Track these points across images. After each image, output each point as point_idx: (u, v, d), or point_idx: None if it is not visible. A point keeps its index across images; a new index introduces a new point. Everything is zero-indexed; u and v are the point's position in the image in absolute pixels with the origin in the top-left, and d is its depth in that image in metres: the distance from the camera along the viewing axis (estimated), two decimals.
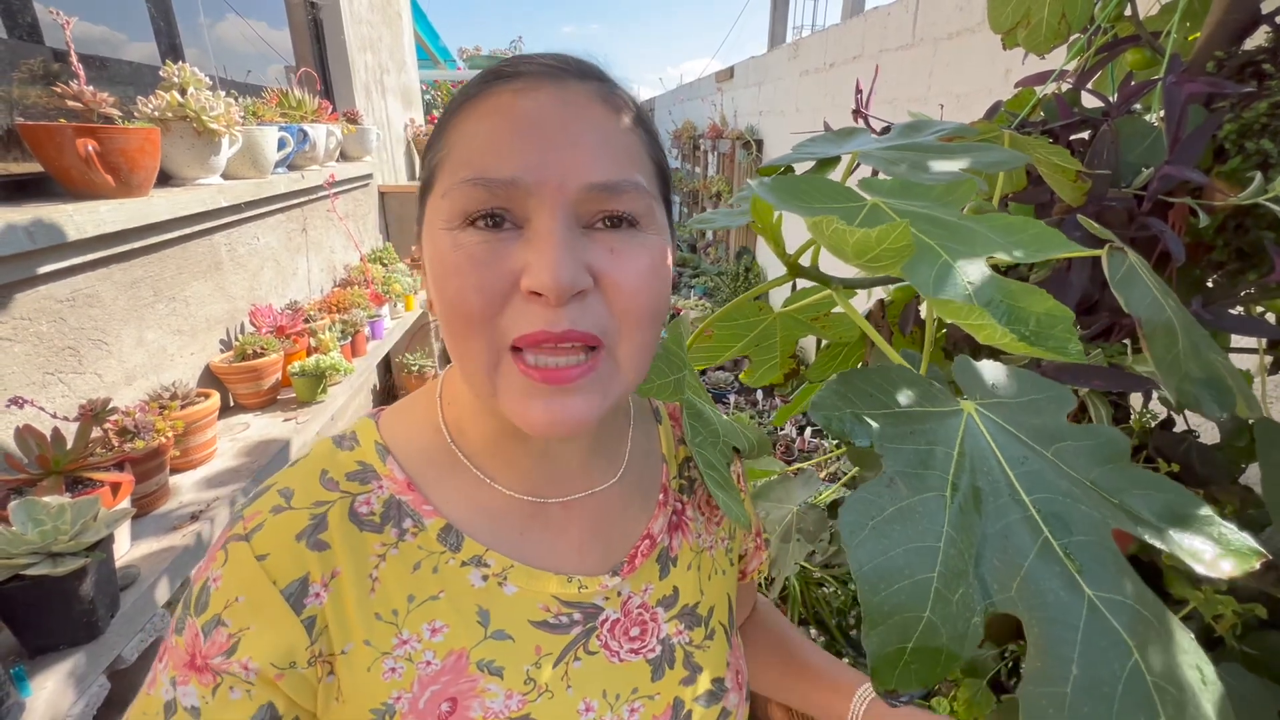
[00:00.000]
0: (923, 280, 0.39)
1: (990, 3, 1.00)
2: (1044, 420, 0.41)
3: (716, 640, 0.54)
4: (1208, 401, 0.45)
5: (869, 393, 0.40)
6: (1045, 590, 0.32)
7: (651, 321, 0.41)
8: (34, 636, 0.80)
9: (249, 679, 0.39)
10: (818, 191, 0.46)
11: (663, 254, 0.42)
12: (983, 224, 0.45)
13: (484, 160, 0.37)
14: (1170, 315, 0.46)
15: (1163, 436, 0.84)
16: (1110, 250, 0.49)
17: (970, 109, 2.34)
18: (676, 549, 0.53)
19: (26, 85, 1.31)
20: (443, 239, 0.39)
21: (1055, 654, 0.30)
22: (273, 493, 0.44)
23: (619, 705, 0.47)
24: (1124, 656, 0.30)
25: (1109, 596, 0.32)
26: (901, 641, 0.32)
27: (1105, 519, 0.35)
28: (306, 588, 0.41)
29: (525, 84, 0.39)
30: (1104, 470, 0.39)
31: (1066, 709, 0.29)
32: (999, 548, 0.34)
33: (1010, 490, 0.36)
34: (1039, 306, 0.39)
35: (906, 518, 0.34)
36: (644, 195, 0.40)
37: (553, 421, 0.38)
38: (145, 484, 1.10)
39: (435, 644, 0.43)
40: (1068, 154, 0.72)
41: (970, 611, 0.32)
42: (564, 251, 0.36)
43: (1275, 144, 0.61)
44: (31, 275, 1.06)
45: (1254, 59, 0.64)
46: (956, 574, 0.33)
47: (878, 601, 0.32)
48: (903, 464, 0.36)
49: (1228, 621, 0.74)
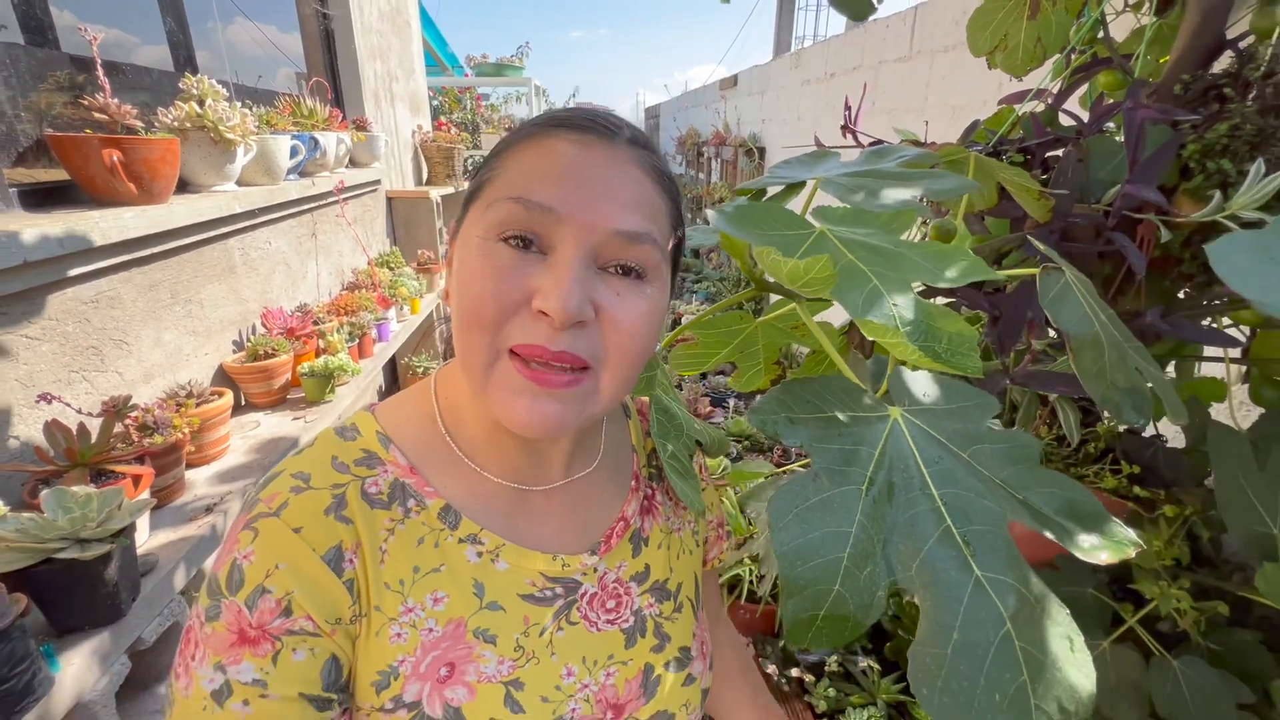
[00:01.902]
0: (851, 302, 0.44)
1: (970, 27, 1.06)
2: (966, 425, 0.47)
3: (684, 613, 0.59)
4: (1127, 408, 0.50)
5: (807, 399, 0.46)
6: (940, 570, 0.38)
7: (637, 360, 0.46)
8: (62, 617, 0.87)
9: (314, 631, 0.42)
10: (772, 219, 0.52)
11: (660, 306, 0.47)
12: (916, 251, 0.51)
13: (530, 185, 0.43)
14: (1098, 330, 0.51)
15: (1130, 441, 0.89)
16: (1045, 270, 0.55)
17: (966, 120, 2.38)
18: (648, 530, 0.59)
19: (53, 95, 1.38)
20: (475, 246, 0.44)
21: (941, 622, 0.36)
22: (285, 476, 0.47)
23: (596, 670, 0.52)
24: (998, 625, 0.36)
25: (994, 577, 0.38)
26: (814, 609, 0.37)
27: (1004, 512, 0.41)
28: (342, 554, 0.45)
29: (582, 136, 0.45)
30: (1014, 470, 0.44)
31: (945, 666, 0.35)
32: (905, 534, 0.40)
33: (922, 485, 0.42)
34: (951, 327, 0.45)
35: (826, 507, 0.40)
36: (656, 252, 0.45)
37: (532, 420, 0.43)
38: (163, 477, 1.17)
39: (437, 612, 0.47)
40: (1027, 175, 0.77)
41: (875, 586, 0.38)
42: (577, 284, 0.41)
43: (1234, 164, 0.65)
44: (61, 278, 1.13)
45: (1217, 83, 0.68)
46: (865, 555, 0.38)
47: (795, 576, 0.38)
48: (828, 461, 0.42)
49: (1190, 617, 0.79)
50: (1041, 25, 0.98)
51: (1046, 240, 0.76)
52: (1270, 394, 0.78)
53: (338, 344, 1.95)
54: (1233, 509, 0.70)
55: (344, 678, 0.45)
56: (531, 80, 5.48)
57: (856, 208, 0.56)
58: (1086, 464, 0.87)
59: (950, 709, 0.34)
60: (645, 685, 0.55)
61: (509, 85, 5.69)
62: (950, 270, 0.49)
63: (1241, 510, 0.69)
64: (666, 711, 0.55)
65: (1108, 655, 0.83)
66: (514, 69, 5.42)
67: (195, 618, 0.44)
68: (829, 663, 1.47)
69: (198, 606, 0.44)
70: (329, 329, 1.98)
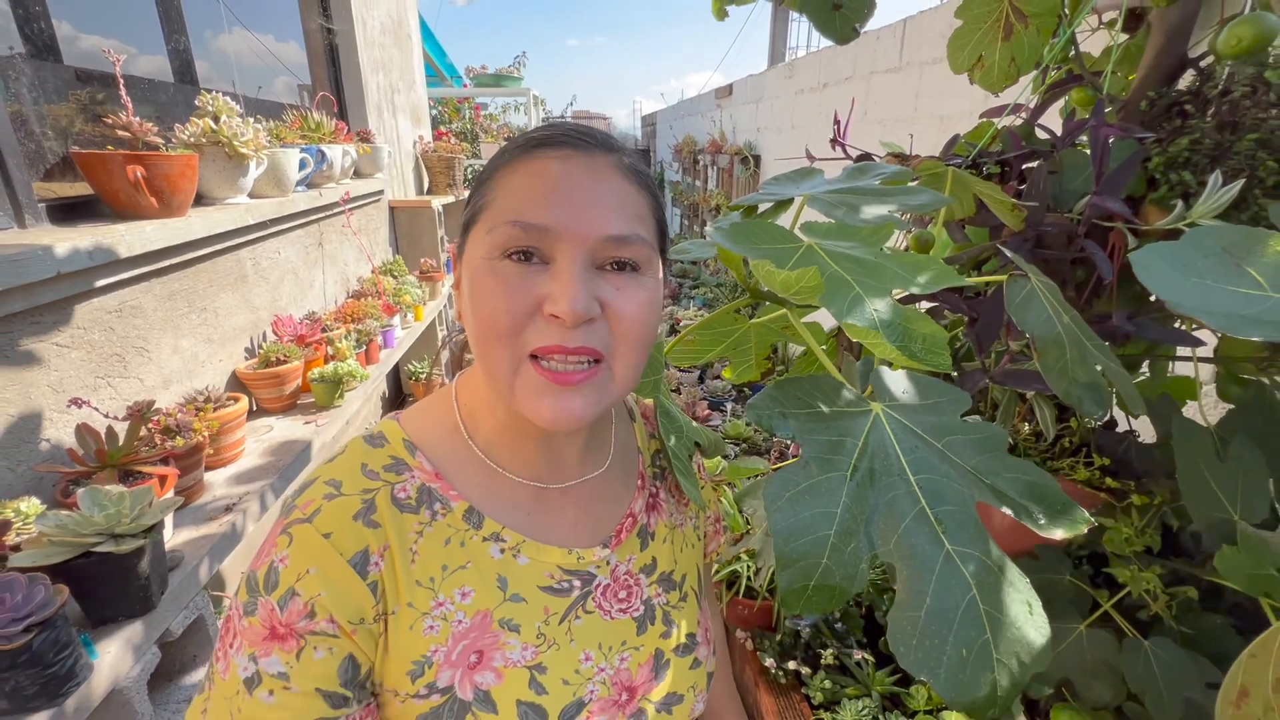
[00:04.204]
0: (837, 308, 0.50)
1: (950, 46, 1.13)
2: (941, 418, 0.52)
3: (689, 602, 0.64)
4: (1087, 402, 0.55)
5: (798, 396, 0.51)
6: (915, 544, 0.43)
7: (643, 345, 0.51)
8: (98, 608, 0.91)
9: (334, 633, 0.46)
10: (765, 234, 0.58)
11: (656, 294, 0.52)
12: (894, 262, 0.56)
13: (524, 209, 0.47)
14: (1060, 331, 0.56)
15: (1104, 436, 0.94)
16: (1011, 278, 0.60)
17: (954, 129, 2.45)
18: (654, 525, 0.64)
19: (76, 113, 1.43)
20: (482, 266, 0.48)
21: (916, 589, 0.41)
22: (320, 484, 0.50)
23: (611, 655, 0.57)
24: (965, 591, 0.41)
25: (962, 550, 0.43)
26: (805, 580, 0.42)
27: (973, 494, 0.46)
28: (368, 558, 0.48)
29: (561, 152, 0.49)
30: (983, 458, 0.49)
31: (920, 626, 0.40)
32: (885, 514, 0.45)
33: (900, 471, 0.47)
34: (925, 329, 0.50)
35: (815, 491, 0.45)
36: (645, 247, 0.50)
37: (557, 416, 0.47)
38: (184, 478, 1.22)
39: (465, 605, 0.51)
40: (998, 188, 0.82)
41: (859, 559, 0.43)
42: (581, 286, 0.46)
43: (1194, 176, 0.70)
44: (89, 289, 1.18)
45: (1179, 100, 0.73)
46: (849, 532, 0.44)
47: (788, 551, 0.43)
48: (817, 451, 0.47)
49: (1162, 601, 0.83)
50: (1015, 46, 1.05)
51: (1022, 248, 0.82)
52: (1235, 390, 0.84)
53: (346, 350, 2.00)
54: (1195, 497, 0.74)
55: (361, 675, 0.48)
56: (530, 90, 5.56)
57: (840, 222, 0.61)
58: (1062, 457, 0.93)
59: (924, 663, 0.39)
60: (656, 669, 0.59)
61: (507, 95, 5.77)
62: (923, 278, 0.54)
63: (1203, 499, 0.74)
64: (676, 693, 0.60)
65: (1084, 638, 0.88)
66: (512, 79, 5.50)
67: (234, 610, 0.48)
68: (825, 656, 1.52)
69: (237, 600, 0.48)
70: (337, 336, 2.04)
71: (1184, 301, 0.39)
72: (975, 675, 0.39)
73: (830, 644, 1.54)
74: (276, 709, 0.45)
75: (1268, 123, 0.64)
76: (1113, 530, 0.90)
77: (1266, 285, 0.43)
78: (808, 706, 1.45)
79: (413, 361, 3.11)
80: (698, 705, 0.62)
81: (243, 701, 0.45)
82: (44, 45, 1.36)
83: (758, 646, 1.59)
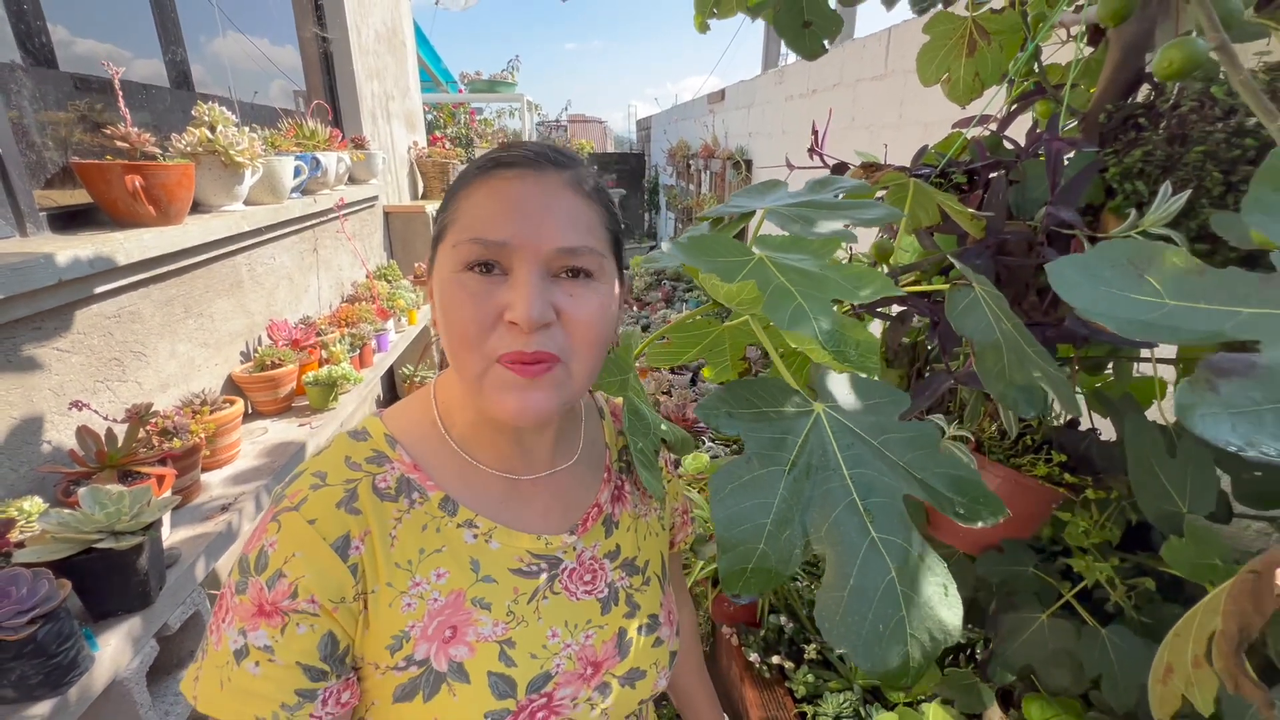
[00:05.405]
0: (779, 317, 0.54)
1: (919, 61, 1.18)
2: (879, 418, 0.56)
3: (651, 586, 0.69)
4: (1023, 403, 0.60)
5: (746, 397, 0.56)
6: (844, 532, 0.48)
7: (598, 346, 0.55)
8: (98, 602, 0.95)
9: (314, 612, 0.50)
10: (719, 248, 0.62)
11: (610, 298, 0.57)
12: (839, 273, 0.61)
13: (484, 226, 0.52)
14: (999, 336, 0.61)
15: (1066, 434, 0.98)
16: (954, 287, 0.65)
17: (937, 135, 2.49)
18: (618, 515, 0.69)
19: (75, 123, 1.47)
20: (450, 279, 0.53)
21: (841, 572, 0.46)
22: (307, 475, 0.55)
23: (577, 632, 0.61)
24: (885, 574, 0.45)
25: (886, 537, 0.47)
26: (744, 564, 0.47)
27: (901, 488, 0.51)
28: (349, 542, 0.53)
29: (515, 172, 0.53)
30: (915, 454, 0.54)
31: (843, 605, 0.44)
32: (819, 505, 0.49)
33: (836, 466, 0.52)
34: (860, 336, 0.55)
35: (756, 483, 0.49)
36: (597, 255, 0.55)
37: (521, 410, 0.52)
38: (182, 479, 1.26)
39: (440, 585, 0.56)
40: (955, 199, 0.87)
41: (793, 546, 0.48)
42: (536, 295, 0.50)
43: (1146, 185, 0.74)
44: (89, 295, 1.23)
45: (1134, 113, 0.76)
46: (785, 521, 0.48)
47: (729, 537, 0.47)
48: (759, 447, 0.52)
49: (1121, 591, 0.88)
50: (979, 61, 1.10)
51: (984, 255, 0.86)
52: None
53: (340, 354, 2.04)
54: (1146, 491, 0.78)
55: (340, 650, 0.53)
56: (524, 96, 5.61)
57: (794, 235, 0.66)
58: (1024, 454, 0.97)
59: (846, 637, 0.44)
60: (620, 646, 0.64)
61: (501, 100, 5.82)
62: (865, 290, 0.58)
63: (1154, 492, 0.78)
64: (639, 669, 0.65)
65: (1046, 627, 0.92)
66: (506, 85, 5.55)
67: (228, 588, 0.53)
68: (808, 650, 1.56)
69: (230, 579, 0.53)
70: (331, 340, 2.08)
71: (1091, 307, 0.43)
72: (889, 648, 0.43)
73: (813, 639, 1.58)
74: (261, 679, 0.50)
75: (1214, 136, 0.68)
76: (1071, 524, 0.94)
77: (1163, 293, 0.48)
78: (791, 700, 1.49)
79: (407, 365, 3.15)
80: (660, 681, 0.66)
81: (232, 671, 0.50)
82: (41, 52, 1.40)
83: (743, 642, 1.63)
